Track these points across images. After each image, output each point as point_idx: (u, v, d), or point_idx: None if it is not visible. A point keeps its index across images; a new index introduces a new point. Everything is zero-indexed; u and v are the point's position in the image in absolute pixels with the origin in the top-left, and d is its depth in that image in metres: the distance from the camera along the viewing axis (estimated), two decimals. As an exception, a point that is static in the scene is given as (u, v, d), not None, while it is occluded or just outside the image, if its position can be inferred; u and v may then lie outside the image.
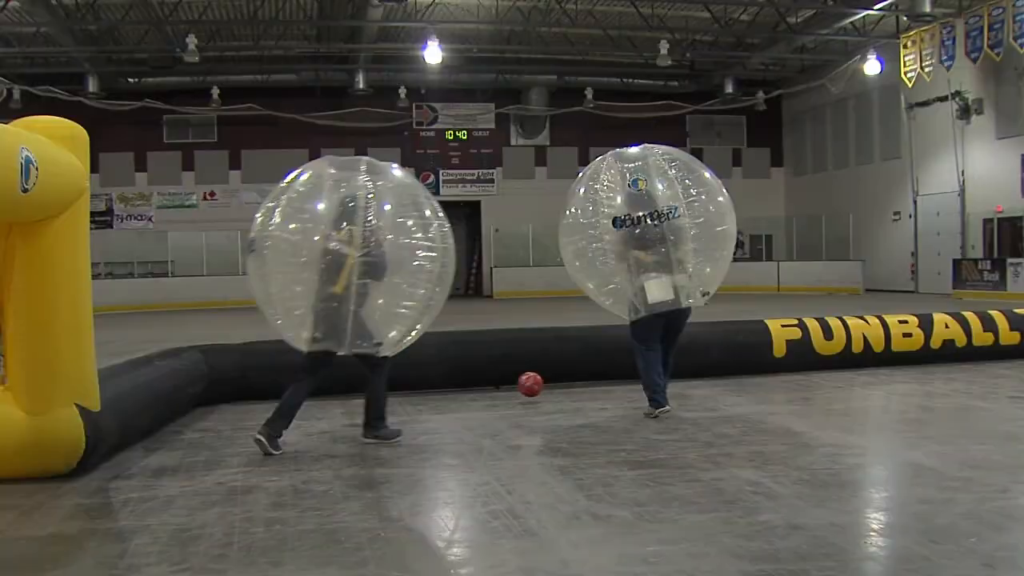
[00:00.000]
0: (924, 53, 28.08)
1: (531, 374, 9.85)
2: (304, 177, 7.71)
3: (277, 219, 7.50)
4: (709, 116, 38.90)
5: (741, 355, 11.37)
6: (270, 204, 7.64)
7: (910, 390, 10.24)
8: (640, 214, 8.31)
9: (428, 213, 7.68)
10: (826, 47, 33.39)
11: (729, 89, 36.25)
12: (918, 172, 31.82)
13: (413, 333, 7.90)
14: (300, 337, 7.55)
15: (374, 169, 7.65)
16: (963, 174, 29.74)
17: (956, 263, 28.77)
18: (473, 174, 38.04)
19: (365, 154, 35.75)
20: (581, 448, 7.26)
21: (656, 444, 7.34)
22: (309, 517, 5.43)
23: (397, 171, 7.98)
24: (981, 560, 4.46)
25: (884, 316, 12.14)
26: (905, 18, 27.95)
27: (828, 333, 11.58)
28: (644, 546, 4.76)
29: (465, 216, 39.43)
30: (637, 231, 8.33)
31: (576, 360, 10.90)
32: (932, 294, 29.50)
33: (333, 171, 7.70)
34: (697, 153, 39.05)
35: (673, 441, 7.45)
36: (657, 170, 8.64)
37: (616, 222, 8.40)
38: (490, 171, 38.22)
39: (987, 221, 29.08)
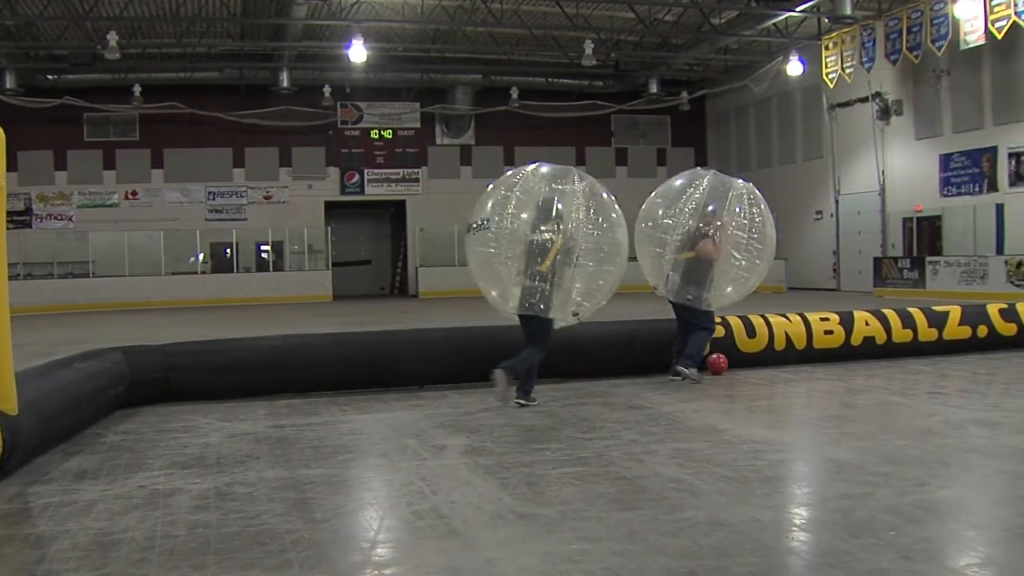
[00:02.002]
0: (845, 54, 28.52)
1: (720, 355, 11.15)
2: (524, 178, 9.60)
3: (506, 209, 9.43)
4: (634, 116, 39.17)
5: (668, 353, 11.41)
6: (502, 192, 9.61)
7: (831, 387, 10.37)
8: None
9: (614, 216, 9.60)
10: (749, 48, 33.75)
11: (653, 89, 36.47)
12: (840, 172, 32.27)
13: (600, 303, 9.75)
14: (508, 304, 9.44)
15: (581, 176, 9.56)
16: (883, 174, 30.22)
17: (877, 261, 29.20)
18: (398, 173, 37.90)
19: (288, 153, 35.90)
20: (505, 447, 7.26)
21: (581, 443, 7.37)
22: (232, 520, 5.38)
23: (593, 179, 9.74)
24: (899, 553, 4.53)
25: (806, 314, 12.29)
26: (826, 20, 28.36)
27: (751, 331, 11.70)
28: (568, 544, 4.78)
29: (390, 216, 39.38)
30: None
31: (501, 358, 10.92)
32: (854, 292, 29.93)
33: (545, 171, 9.62)
34: (622, 153, 39.63)
35: (598, 439, 7.48)
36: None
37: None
38: (415, 170, 38.10)
39: (907, 220, 29.57)
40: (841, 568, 4.38)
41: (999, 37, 23.37)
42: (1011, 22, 22.61)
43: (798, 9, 27.22)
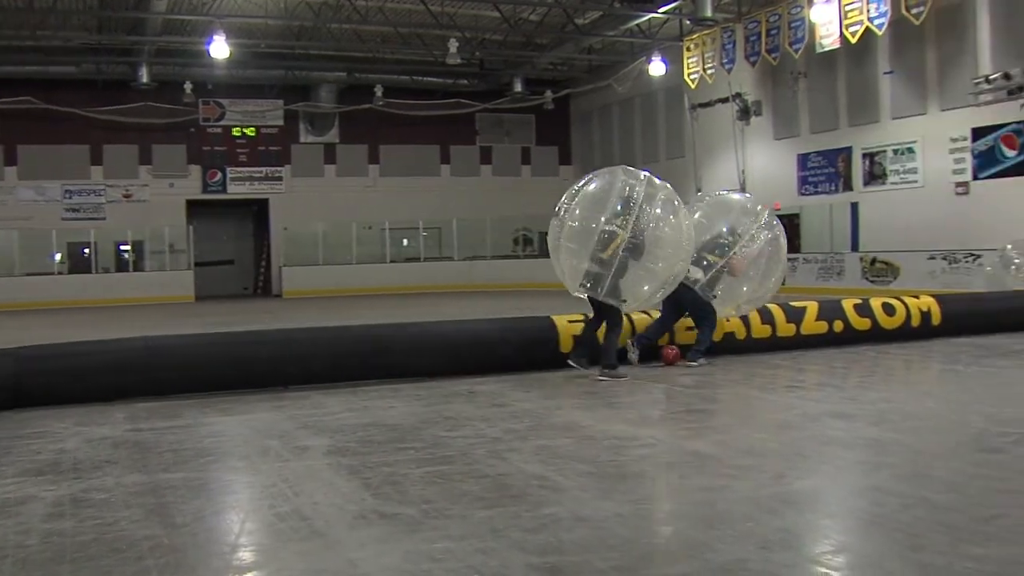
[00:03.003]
0: (706, 56, 29.08)
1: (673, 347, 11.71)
2: (599, 180, 10.84)
3: (579, 199, 10.69)
4: (498, 114, 39.30)
5: (529, 351, 11.50)
6: (581, 186, 10.85)
7: (693, 382, 10.50)
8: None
9: (682, 216, 10.82)
10: (613, 48, 34.11)
11: (518, 88, 36.62)
12: (701, 170, 32.80)
13: (658, 295, 10.94)
14: (575, 284, 10.64)
15: (651, 181, 10.70)
16: (743, 173, 30.82)
17: (736, 259, 29.67)
18: (261, 172, 37.38)
19: (148, 150, 35.18)
20: (369, 447, 7.21)
21: (444, 441, 7.36)
22: (88, 527, 5.24)
23: (663, 182, 10.92)
24: (757, 543, 4.63)
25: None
26: (688, 22, 28.80)
27: (615, 329, 11.79)
28: (431, 543, 4.76)
29: (253, 215, 38.88)
30: None
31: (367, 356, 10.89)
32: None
33: (623, 176, 10.72)
34: (486, 151, 39.70)
35: (461, 438, 7.47)
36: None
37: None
38: (278, 169, 37.62)
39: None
40: (699, 559, 4.45)
41: (853, 41, 24.10)
42: (864, 27, 23.31)
43: (660, 11, 27.65)
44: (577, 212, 10.62)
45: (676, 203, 10.86)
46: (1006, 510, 5.12)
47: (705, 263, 11.50)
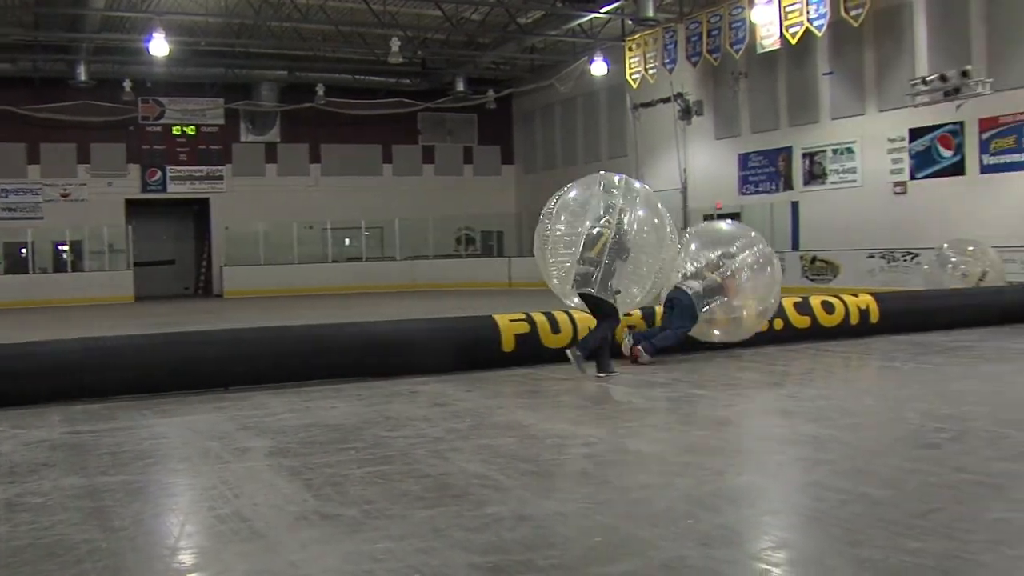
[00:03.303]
0: (648, 56, 29.21)
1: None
2: (579, 186, 11.63)
3: (565, 202, 11.42)
4: (441, 114, 39.28)
5: (472, 351, 11.51)
6: (563, 194, 11.59)
7: (634, 380, 10.54)
8: None
9: (662, 212, 11.42)
10: (555, 48, 34.18)
11: (460, 87, 36.62)
12: (643, 170, 32.89)
13: (644, 294, 11.41)
14: (566, 288, 11.21)
15: (629, 183, 11.49)
16: (685, 172, 31.02)
17: (679, 258, 29.82)
18: (202, 171, 37.09)
19: (87, 149, 34.78)
20: (310, 448, 7.18)
21: (385, 441, 7.33)
22: (23, 531, 5.15)
23: (644, 185, 12.04)
24: (697, 540, 4.65)
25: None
26: (630, 22, 28.93)
27: (555, 327, 11.84)
28: (373, 543, 4.74)
29: (194, 214, 38.55)
30: None
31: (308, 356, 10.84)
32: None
33: (602, 181, 11.51)
34: (428, 151, 39.66)
35: (403, 438, 7.45)
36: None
37: None
38: (219, 168, 37.35)
39: (708, 217, 30.26)
40: (641, 557, 4.47)
41: (793, 42, 24.32)
42: (804, 28, 23.53)
43: (603, 10, 27.74)
44: (562, 218, 11.29)
45: (655, 203, 11.51)
46: (942, 504, 5.18)
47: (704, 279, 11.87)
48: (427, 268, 36.84)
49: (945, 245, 19.41)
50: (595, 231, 10.92)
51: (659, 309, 12.39)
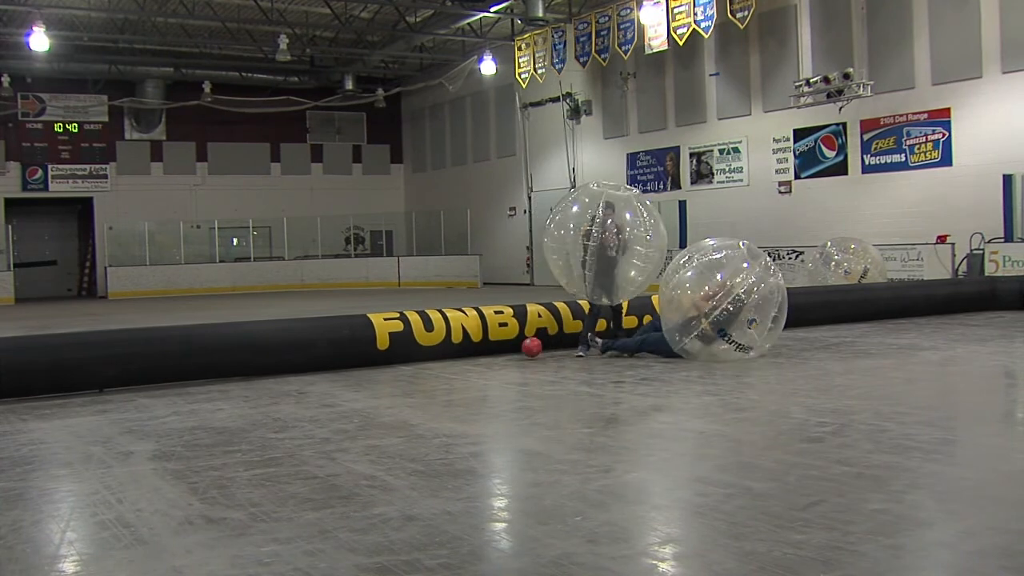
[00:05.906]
0: (537, 56, 29.34)
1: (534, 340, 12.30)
2: (574, 200, 12.47)
3: (559, 219, 12.40)
4: (329, 112, 39.08)
5: (347, 349, 11.55)
6: (560, 207, 12.64)
7: (519, 378, 10.60)
8: None
9: (647, 215, 12.22)
10: (444, 47, 34.17)
11: (349, 86, 36.43)
12: (532, 169, 33.10)
13: (635, 288, 12.40)
14: (581, 288, 12.22)
15: (615, 189, 12.45)
16: (574, 171, 31.20)
17: (568, 256, 29.99)
18: (85, 169, 36.33)
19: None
20: (195, 451, 7.06)
21: (272, 443, 7.25)
22: None
23: (628, 190, 12.84)
24: (585, 537, 4.67)
25: (481, 307, 12.62)
26: (519, 21, 29.02)
27: (428, 325, 11.95)
28: (259, 547, 4.68)
29: (77, 213, 37.78)
30: None
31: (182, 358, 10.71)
32: (547, 286, 30.61)
33: (592, 190, 12.35)
34: (317, 149, 39.39)
35: (289, 439, 7.37)
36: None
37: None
38: (103, 166, 36.63)
39: (596, 216, 30.54)
40: (529, 555, 4.47)
41: (680, 43, 24.67)
42: (691, 30, 23.85)
43: (492, 10, 27.78)
44: (559, 223, 12.34)
45: (639, 205, 12.31)
46: (824, 496, 5.27)
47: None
48: (316, 268, 36.57)
49: (828, 243, 19.78)
50: (590, 238, 11.85)
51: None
